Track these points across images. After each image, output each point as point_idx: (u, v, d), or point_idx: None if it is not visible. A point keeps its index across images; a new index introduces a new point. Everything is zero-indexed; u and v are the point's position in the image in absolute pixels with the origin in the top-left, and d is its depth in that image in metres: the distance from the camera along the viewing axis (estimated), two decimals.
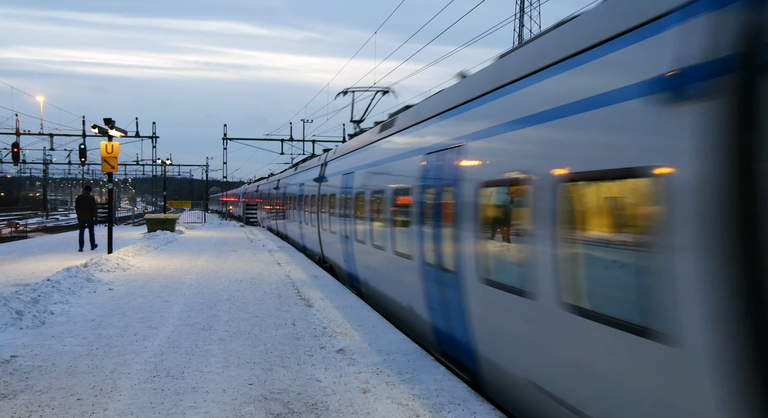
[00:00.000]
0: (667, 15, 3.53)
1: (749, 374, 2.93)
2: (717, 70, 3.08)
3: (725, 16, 3.07)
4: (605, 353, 4.06)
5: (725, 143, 3.01)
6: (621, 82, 3.87)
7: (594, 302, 4.18)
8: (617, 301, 4.01)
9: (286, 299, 11.32)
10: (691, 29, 3.30)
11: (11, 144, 33.31)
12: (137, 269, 15.58)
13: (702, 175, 3.12)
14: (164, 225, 29.75)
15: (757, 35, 2.90)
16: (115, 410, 5.43)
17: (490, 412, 5.40)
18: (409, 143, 8.96)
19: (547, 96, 4.89)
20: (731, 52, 3.01)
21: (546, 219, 4.65)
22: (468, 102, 6.81)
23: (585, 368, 4.31)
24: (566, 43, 4.80)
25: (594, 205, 4.33)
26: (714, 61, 3.10)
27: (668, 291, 3.39)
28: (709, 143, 3.08)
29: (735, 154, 2.97)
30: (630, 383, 3.79)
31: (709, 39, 3.15)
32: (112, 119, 18.54)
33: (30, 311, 9.16)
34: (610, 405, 4.07)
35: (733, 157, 2.97)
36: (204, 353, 7.40)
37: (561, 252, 4.46)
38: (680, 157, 3.29)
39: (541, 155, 4.88)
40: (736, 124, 2.97)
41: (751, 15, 2.94)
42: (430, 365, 6.90)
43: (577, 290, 4.33)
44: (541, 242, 4.71)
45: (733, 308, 2.97)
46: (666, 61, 3.44)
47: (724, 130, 3.01)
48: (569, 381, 4.54)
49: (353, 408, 5.51)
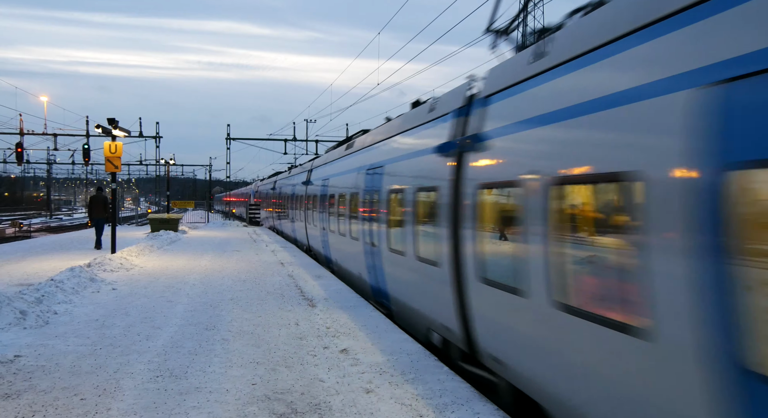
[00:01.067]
0: (442, 116, 7.89)
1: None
2: (454, 144, 7.00)
3: (455, 122, 7.28)
4: (409, 270, 8.46)
5: (456, 173, 6.83)
6: (427, 144, 8.07)
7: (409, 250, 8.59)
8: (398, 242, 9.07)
9: (290, 299, 11.32)
10: (446, 125, 7.59)
11: (15, 144, 33.35)
12: (141, 269, 15.59)
13: (451, 189, 6.91)
14: (167, 225, 29.78)
15: (464, 131, 6.84)
16: (119, 410, 5.43)
17: (493, 412, 5.39)
18: (356, 161, 13.07)
19: (397, 147, 9.96)
20: (458, 137, 6.98)
21: (406, 208, 8.69)
22: (374, 142, 11.81)
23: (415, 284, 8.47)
24: (390, 128, 10.83)
25: (397, 203, 9.26)
26: (452, 141, 7.09)
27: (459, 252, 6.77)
28: (453, 173, 6.92)
29: (457, 178, 6.81)
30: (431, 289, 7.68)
31: (451, 132, 7.31)
32: (115, 119, 18.56)
33: (34, 310, 9.17)
34: (425, 301, 8.16)
35: (456, 180, 6.81)
36: (207, 353, 7.40)
37: (410, 225, 8.51)
38: (447, 180, 7.08)
39: (401, 176, 9.32)
40: (458, 166, 6.80)
41: (462, 122, 7.01)
42: (434, 365, 6.89)
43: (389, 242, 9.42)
44: (403, 221, 8.87)
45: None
46: (444, 137, 7.51)
47: (456, 168, 6.84)
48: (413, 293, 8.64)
49: (356, 408, 5.50)
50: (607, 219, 4.28)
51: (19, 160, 33.86)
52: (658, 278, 3.56)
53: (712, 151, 3.19)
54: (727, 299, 3.09)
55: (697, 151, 3.28)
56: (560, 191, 4.63)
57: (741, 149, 3.05)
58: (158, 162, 50.63)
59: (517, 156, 5.54)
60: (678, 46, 3.59)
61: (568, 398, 4.62)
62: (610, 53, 4.23)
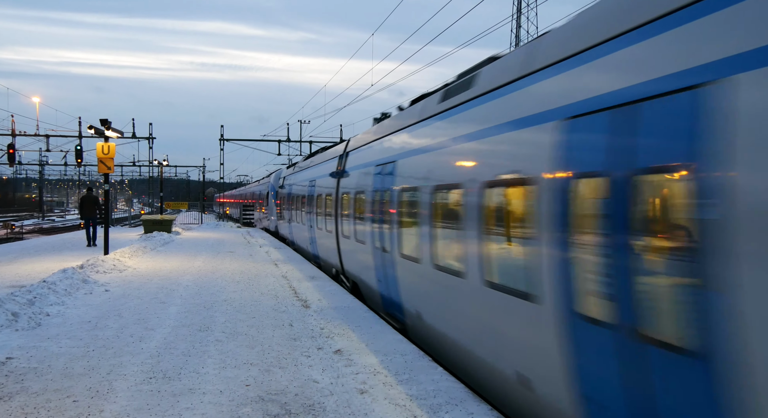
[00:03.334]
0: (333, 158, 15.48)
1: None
2: (338, 172, 14.27)
3: (341, 161, 14.40)
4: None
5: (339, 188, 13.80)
6: (330, 169, 15.49)
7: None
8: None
9: (283, 299, 11.30)
10: (336, 162, 14.88)
11: (7, 145, 33.14)
12: (134, 270, 15.53)
13: (335, 194, 14.24)
14: (161, 226, 29.67)
15: (340, 166, 14.46)
16: (112, 411, 5.40)
17: (487, 412, 5.39)
18: (321, 170, 17.27)
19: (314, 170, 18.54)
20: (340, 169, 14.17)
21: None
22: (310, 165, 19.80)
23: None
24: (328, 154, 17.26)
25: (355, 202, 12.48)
26: (336, 171, 14.51)
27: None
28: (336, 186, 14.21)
29: (340, 191, 13.69)
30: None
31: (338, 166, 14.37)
32: (108, 120, 18.48)
33: (26, 312, 9.12)
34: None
35: (340, 191, 13.69)
36: (201, 354, 7.38)
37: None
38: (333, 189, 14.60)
39: (359, 180, 12.18)
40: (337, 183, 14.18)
41: (342, 161, 14.25)
42: (428, 365, 6.89)
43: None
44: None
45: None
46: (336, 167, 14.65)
47: (336, 183, 14.24)
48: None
49: (350, 409, 5.49)
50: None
51: (11, 162, 33.67)
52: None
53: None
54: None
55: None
56: (358, 197, 11.67)
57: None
58: (151, 163, 50.45)
59: (354, 180, 12.49)
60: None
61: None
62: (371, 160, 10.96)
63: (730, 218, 2.99)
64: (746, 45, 2.98)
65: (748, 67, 2.93)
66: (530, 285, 4.93)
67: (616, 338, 3.85)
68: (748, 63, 2.94)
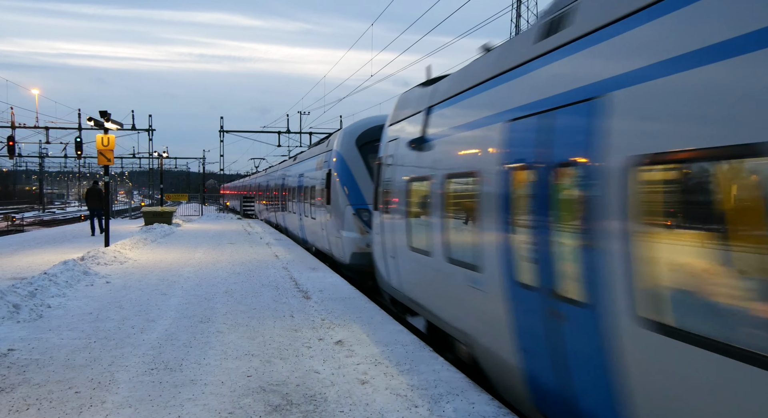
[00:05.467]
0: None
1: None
2: (330, 162, 16.02)
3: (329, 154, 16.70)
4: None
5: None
6: (324, 160, 16.69)
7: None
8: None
9: (284, 290, 11.31)
10: (331, 155, 15.92)
11: (7, 137, 33.13)
12: (134, 262, 15.55)
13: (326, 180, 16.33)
14: (161, 218, 29.67)
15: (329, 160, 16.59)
16: (113, 402, 5.42)
17: (488, 402, 5.41)
18: (299, 172, 20.66)
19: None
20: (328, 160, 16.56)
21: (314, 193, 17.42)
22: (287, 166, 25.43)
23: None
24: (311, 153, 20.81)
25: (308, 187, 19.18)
26: (328, 161, 16.29)
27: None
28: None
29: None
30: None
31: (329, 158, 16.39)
32: (107, 112, 18.44)
33: (27, 304, 9.14)
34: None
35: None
36: (202, 345, 7.39)
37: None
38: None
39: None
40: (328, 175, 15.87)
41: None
42: (429, 355, 6.91)
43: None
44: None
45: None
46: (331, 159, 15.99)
47: (328, 175, 16.06)
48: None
49: (352, 399, 5.51)
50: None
51: (10, 154, 33.65)
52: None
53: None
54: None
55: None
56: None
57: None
58: (151, 155, 50.41)
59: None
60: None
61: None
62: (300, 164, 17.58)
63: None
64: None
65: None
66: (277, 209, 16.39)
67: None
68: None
